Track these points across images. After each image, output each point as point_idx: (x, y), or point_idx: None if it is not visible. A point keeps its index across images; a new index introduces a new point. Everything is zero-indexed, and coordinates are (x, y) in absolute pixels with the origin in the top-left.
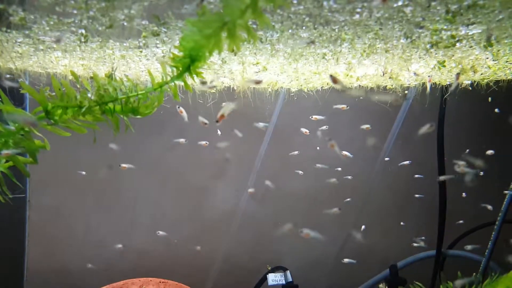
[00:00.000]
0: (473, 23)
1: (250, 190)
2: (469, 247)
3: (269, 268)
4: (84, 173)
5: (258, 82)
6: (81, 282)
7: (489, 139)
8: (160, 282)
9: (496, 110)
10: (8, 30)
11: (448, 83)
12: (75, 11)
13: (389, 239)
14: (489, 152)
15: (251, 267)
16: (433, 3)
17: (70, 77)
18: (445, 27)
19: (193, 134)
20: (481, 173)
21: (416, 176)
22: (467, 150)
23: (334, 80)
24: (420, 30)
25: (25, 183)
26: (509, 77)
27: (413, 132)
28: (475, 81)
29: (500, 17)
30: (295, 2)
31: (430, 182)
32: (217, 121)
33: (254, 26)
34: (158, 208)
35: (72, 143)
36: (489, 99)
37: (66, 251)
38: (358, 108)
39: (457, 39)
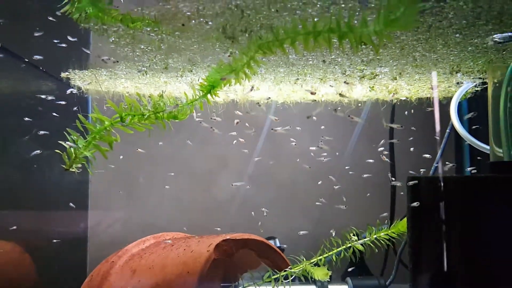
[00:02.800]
0: (381, 66)
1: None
2: None
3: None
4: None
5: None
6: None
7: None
8: (185, 235)
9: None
10: (101, 69)
11: (390, 99)
12: (146, 60)
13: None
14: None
15: None
16: (352, 57)
17: (126, 94)
18: (366, 68)
19: (202, 134)
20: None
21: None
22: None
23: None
24: (351, 69)
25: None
26: (427, 96)
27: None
28: (407, 97)
29: (394, 63)
30: (271, 57)
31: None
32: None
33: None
34: (177, 192)
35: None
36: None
37: (116, 224)
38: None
39: (375, 74)
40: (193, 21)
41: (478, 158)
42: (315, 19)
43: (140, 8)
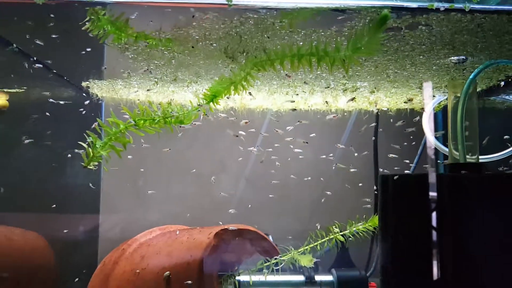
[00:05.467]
0: (361, 81)
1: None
2: None
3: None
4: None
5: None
6: None
7: None
8: (188, 227)
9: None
10: (117, 79)
11: (371, 109)
12: (158, 73)
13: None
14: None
15: None
16: (335, 73)
17: (137, 100)
18: (347, 82)
19: (204, 138)
20: None
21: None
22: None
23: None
24: (334, 83)
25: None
26: (406, 107)
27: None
28: (388, 108)
29: (372, 79)
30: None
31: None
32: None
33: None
34: (180, 192)
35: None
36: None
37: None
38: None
39: (356, 88)
40: (200, 43)
41: (438, 161)
42: (300, 43)
43: (157, 32)
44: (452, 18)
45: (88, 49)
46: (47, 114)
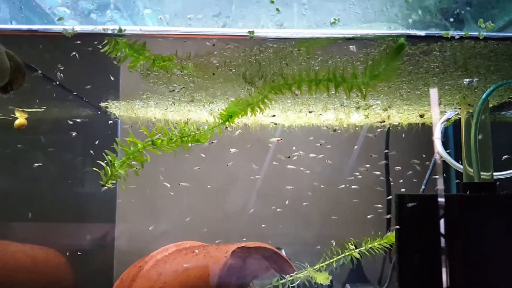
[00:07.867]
0: (374, 99)
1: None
2: None
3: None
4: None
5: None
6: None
7: None
8: (202, 244)
9: None
10: (136, 100)
11: (383, 125)
12: (176, 94)
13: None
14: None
15: None
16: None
17: (153, 119)
18: (360, 100)
19: (213, 153)
20: None
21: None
22: None
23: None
24: (348, 101)
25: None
26: (417, 122)
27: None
28: (399, 123)
29: (385, 98)
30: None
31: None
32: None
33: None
34: (193, 206)
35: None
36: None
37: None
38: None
39: (369, 105)
40: (220, 69)
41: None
42: (317, 68)
43: (180, 60)
44: (465, 44)
45: (108, 74)
46: (66, 131)
